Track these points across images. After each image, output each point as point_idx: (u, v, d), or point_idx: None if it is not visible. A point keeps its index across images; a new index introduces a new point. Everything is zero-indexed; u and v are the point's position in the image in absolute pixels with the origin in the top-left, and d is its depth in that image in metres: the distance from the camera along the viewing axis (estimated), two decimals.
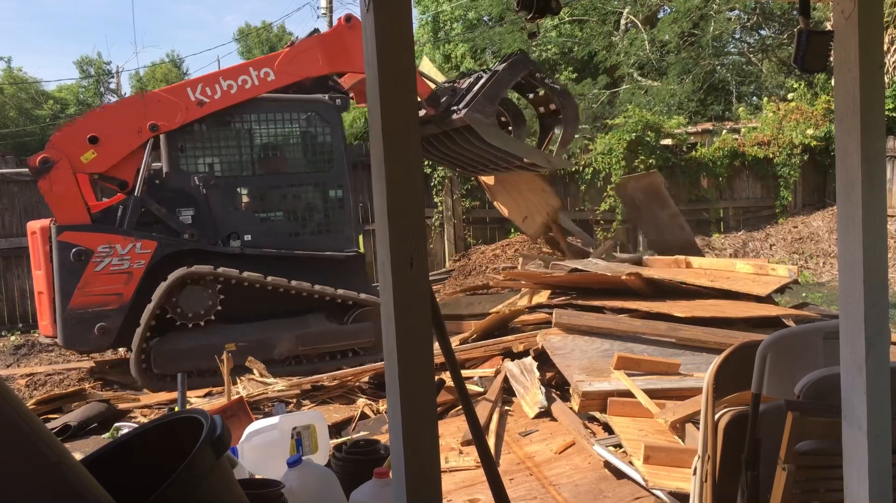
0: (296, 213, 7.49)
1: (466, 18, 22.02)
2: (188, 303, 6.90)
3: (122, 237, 6.78)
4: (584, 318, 6.05)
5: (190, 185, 7.13)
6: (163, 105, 6.97)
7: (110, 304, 6.75)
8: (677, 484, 3.70)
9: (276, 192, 7.48)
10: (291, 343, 7.02)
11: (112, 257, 6.74)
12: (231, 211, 7.25)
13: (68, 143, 6.77)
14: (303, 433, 3.86)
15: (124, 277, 6.78)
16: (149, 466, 1.67)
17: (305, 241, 7.40)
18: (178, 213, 7.06)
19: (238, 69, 7.24)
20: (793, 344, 2.47)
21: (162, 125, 6.92)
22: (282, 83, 7.23)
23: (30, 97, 26.42)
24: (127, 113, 7.01)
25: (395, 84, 1.45)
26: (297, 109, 7.47)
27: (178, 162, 7.18)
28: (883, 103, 1.89)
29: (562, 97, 7.92)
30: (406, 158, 1.47)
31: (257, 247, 7.19)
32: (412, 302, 1.48)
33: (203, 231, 7.08)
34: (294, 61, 7.23)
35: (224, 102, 7.07)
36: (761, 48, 20.44)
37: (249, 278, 6.92)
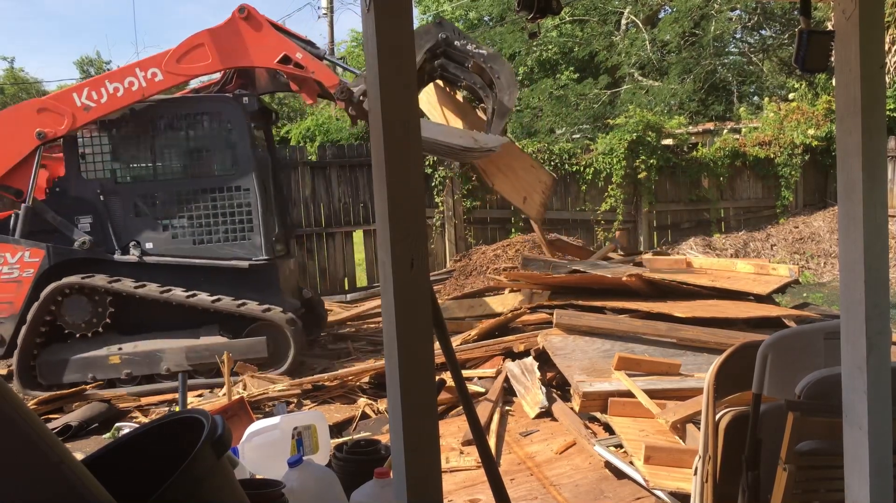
0: (199, 220, 7.12)
1: (467, 18, 22.03)
2: (72, 314, 6.81)
3: (11, 245, 6.76)
4: (584, 319, 6.05)
5: (89, 192, 6.99)
6: (49, 112, 6.83)
7: (2, 313, 6.78)
8: (678, 484, 3.70)
9: (178, 197, 7.13)
10: (179, 356, 6.76)
11: (3, 265, 6.74)
12: (132, 218, 7.05)
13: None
14: (303, 433, 3.86)
15: (14, 286, 6.77)
16: (149, 466, 1.67)
17: (210, 249, 7.09)
18: (77, 221, 6.93)
19: (124, 71, 6.96)
20: (793, 344, 2.47)
21: (49, 132, 6.78)
22: (170, 83, 6.91)
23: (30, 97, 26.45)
24: (15, 121, 6.92)
25: (396, 84, 1.45)
26: (199, 110, 7.15)
27: (77, 168, 7.03)
28: (884, 104, 1.89)
29: (491, 61, 6.81)
30: (406, 158, 1.47)
31: (159, 255, 7.02)
32: (413, 302, 1.48)
33: (104, 239, 6.96)
34: (183, 59, 6.81)
35: (111, 106, 6.83)
36: (762, 48, 20.44)
37: (121, 289, 6.75)
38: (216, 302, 6.86)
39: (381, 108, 1.44)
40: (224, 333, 6.94)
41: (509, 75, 6.78)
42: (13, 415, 1.39)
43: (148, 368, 6.74)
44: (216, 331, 6.95)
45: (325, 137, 15.63)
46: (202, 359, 6.78)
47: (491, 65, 6.74)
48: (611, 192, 13.09)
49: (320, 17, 25.59)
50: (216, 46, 6.80)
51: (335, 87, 6.87)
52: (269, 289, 7.17)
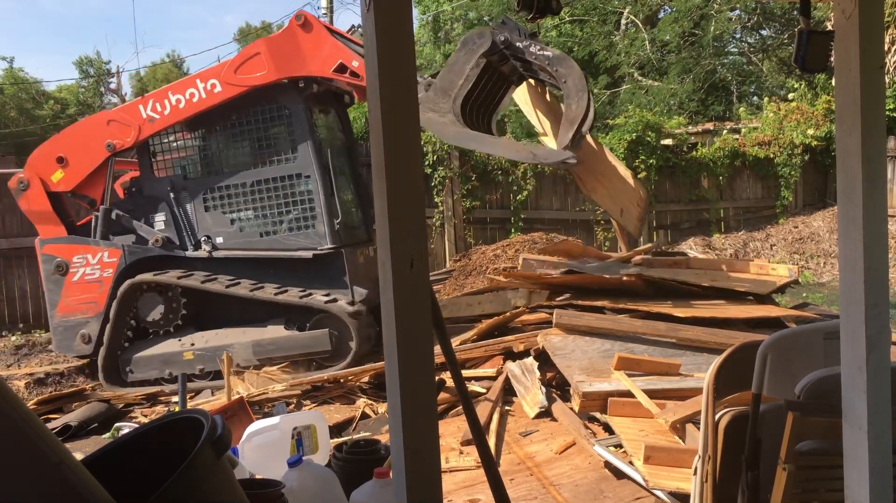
0: (264, 211, 7.10)
1: (467, 18, 22.02)
2: (147, 310, 6.99)
3: (92, 247, 7.00)
4: (584, 319, 6.05)
5: (161, 190, 7.14)
6: (117, 123, 7.06)
7: (88, 312, 7.00)
8: (678, 484, 3.70)
9: (243, 189, 7.12)
10: (246, 351, 6.78)
11: (86, 267, 6.98)
12: (202, 213, 7.14)
13: (39, 164, 7.12)
14: (303, 433, 3.86)
15: (97, 286, 6.99)
16: (149, 466, 1.67)
17: (277, 240, 7.06)
18: (152, 219, 7.09)
19: (185, 83, 7.08)
20: (793, 344, 2.47)
21: (118, 143, 7.01)
22: (229, 94, 6.89)
23: (30, 97, 26.42)
24: (87, 133, 7.17)
25: (396, 84, 1.45)
26: (257, 98, 7.03)
27: (150, 168, 7.20)
28: (883, 103, 1.89)
29: (557, 64, 6.35)
30: (406, 158, 1.47)
31: (229, 249, 7.06)
32: (412, 302, 1.48)
33: (178, 236, 7.08)
34: (240, 70, 6.85)
35: (174, 117, 7.00)
36: (762, 48, 20.45)
37: (188, 285, 6.83)
38: (279, 294, 6.83)
39: (381, 108, 1.44)
40: (290, 327, 6.91)
41: (577, 79, 6.28)
42: (13, 415, 1.39)
43: (218, 364, 6.69)
44: (282, 325, 6.94)
45: None
46: (268, 353, 6.81)
47: (556, 68, 6.30)
48: None
49: (320, 16, 25.61)
50: (272, 55, 6.77)
51: None
52: (337, 278, 7.00)
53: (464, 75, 6.23)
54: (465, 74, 6.24)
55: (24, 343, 9.15)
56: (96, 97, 29.45)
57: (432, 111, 6.02)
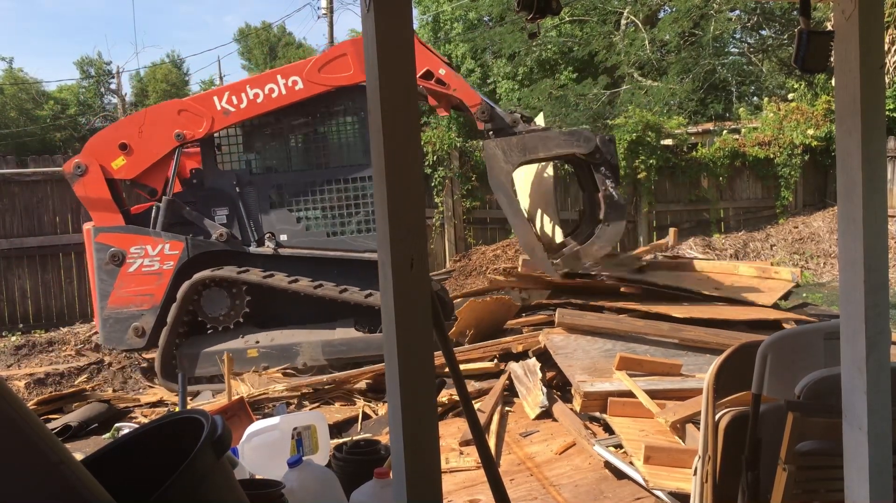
0: (333, 212, 7.09)
1: (467, 19, 22.02)
2: (211, 306, 6.85)
3: (152, 238, 6.80)
4: (586, 318, 6.05)
5: (225, 183, 7.03)
6: (189, 114, 6.92)
7: (143, 305, 6.80)
8: (678, 484, 3.70)
9: (312, 188, 7.10)
10: (315, 351, 6.75)
11: (144, 258, 6.77)
12: (267, 209, 7.06)
13: (100, 149, 6.86)
14: (303, 433, 3.86)
15: (155, 278, 6.80)
16: (149, 467, 1.67)
17: (343, 241, 7.06)
18: (214, 213, 6.96)
19: (265, 77, 7.04)
20: (793, 344, 2.47)
21: (187, 134, 6.87)
22: (311, 93, 6.89)
23: (30, 97, 26.43)
24: (155, 121, 6.97)
25: (396, 85, 1.45)
26: (332, 99, 7.08)
27: (214, 161, 7.08)
28: (883, 104, 1.89)
29: (611, 205, 6.70)
30: (406, 158, 1.47)
31: (293, 247, 6.99)
32: (412, 302, 1.48)
33: (240, 231, 6.98)
34: (324, 69, 6.87)
35: (250, 112, 6.91)
36: (762, 48, 20.45)
37: (272, 283, 6.72)
38: (368, 296, 6.78)
39: (381, 109, 1.44)
40: (359, 328, 6.90)
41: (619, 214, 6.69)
42: (13, 415, 1.39)
43: (285, 361, 6.70)
44: (351, 325, 6.90)
45: None
46: (338, 353, 6.75)
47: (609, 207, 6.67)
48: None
49: (320, 17, 25.65)
50: (359, 57, 6.77)
51: (477, 106, 6.91)
52: None
53: (549, 152, 6.66)
54: (551, 153, 6.69)
55: (24, 343, 9.14)
56: (96, 97, 29.45)
57: (501, 150, 6.43)
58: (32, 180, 10.16)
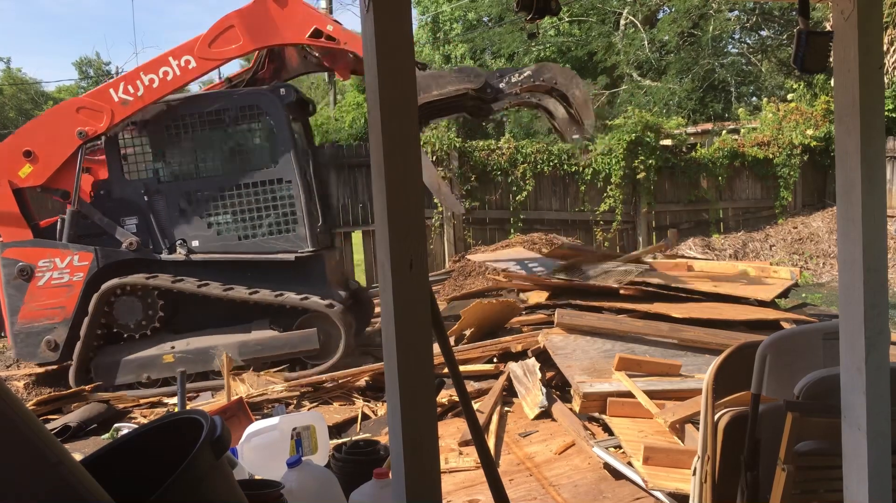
0: (243, 215, 7.06)
1: (466, 19, 22.04)
2: (124, 314, 6.82)
3: (60, 250, 6.75)
4: (585, 319, 6.05)
5: (133, 193, 6.98)
6: (88, 110, 6.80)
7: (55, 318, 6.76)
8: (677, 485, 3.70)
9: (221, 193, 7.07)
10: (231, 352, 6.69)
11: (52, 271, 6.73)
12: (176, 217, 7.02)
13: (4, 160, 6.77)
14: (302, 434, 3.87)
15: (65, 290, 6.76)
16: (148, 467, 1.67)
17: (256, 243, 7.04)
18: (123, 222, 6.92)
19: (157, 61, 6.88)
20: (792, 344, 2.47)
21: (89, 130, 6.76)
22: (205, 69, 6.85)
23: (29, 98, 26.43)
24: (56, 122, 6.89)
25: (396, 84, 1.45)
26: (237, 104, 7.03)
27: (120, 170, 7.01)
28: (882, 104, 1.89)
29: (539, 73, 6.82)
30: (406, 159, 1.47)
31: (205, 252, 6.98)
32: (412, 302, 1.48)
33: (151, 239, 6.94)
34: (214, 44, 6.72)
35: (148, 97, 6.78)
36: (761, 48, 20.47)
37: (182, 288, 6.74)
38: (279, 296, 6.83)
39: (381, 109, 1.44)
40: (275, 327, 6.93)
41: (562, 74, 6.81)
42: (12, 415, 1.39)
43: (202, 365, 6.72)
44: (267, 326, 6.94)
45: (323, 138, 15.63)
46: (255, 353, 6.78)
47: (540, 78, 6.78)
48: (610, 193, 13.09)
49: None
50: (246, 27, 6.69)
51: None
52: (317, 281, 7.11)
53: (441, 90, 6.68)
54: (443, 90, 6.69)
55: None
56: None
57: None
58: None
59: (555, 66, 7.15)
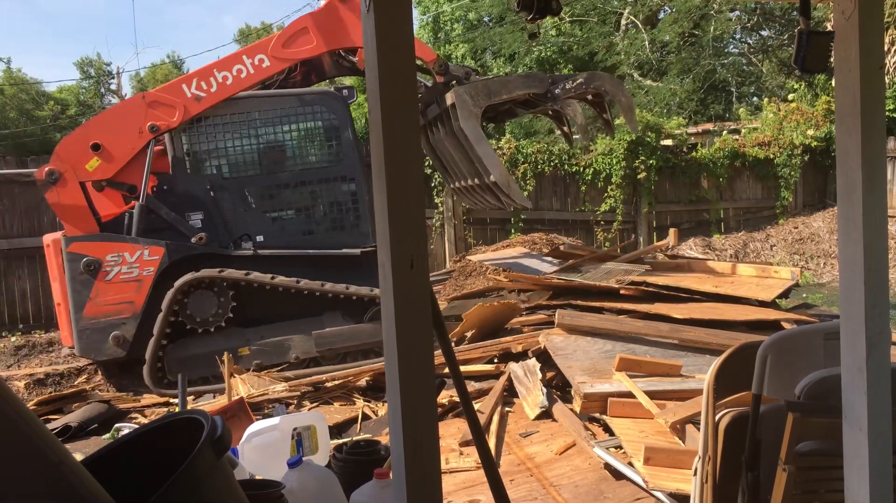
0: (308, 211, 7.28)
1: (467, 19, 22.03)
2: (198, 309, 6.82)
3: (129, 245, 6.68)
4: (586, 319, 6.05)
5: (198, 188, 7.04)
6: (160, 104, 6.85)
7: (123, 313, 6.69)
8: (677, 485, 3.70)
9: (287, 189, 7.26)
10: (307, 344, 6.86)
11: (121, 265, 6.66)
12: (241, 212, 7.10)
13: (71, 153, 6.72)
14: (303, 434, 3.86)
15: (135, 285, 6.70)
16: (149, 467, 1.67)
17: (319, 239, 7.18)
18: (188, 216, 6.95)
19: (231, 59, 7.02)
20: (793, 345, 2.47)
21: (161, 125, 6.80)
22: (277, 69, 7.02)
23: (30, 98, 26.41)
24: (126, 116, 6.90)
25: (396, 84, 1.45)
26: (302, 103, 7.26)
27: (184, 165, 7.09)
28: (883, 104, 1.89)
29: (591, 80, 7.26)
30: (406, 158, 1.47)
31: (270, 247, 7.06)
32: (412, 302, 1.48)
33: (214, 234, 6.97)
34: (288, 44, 6.94)
35: (221, 94, 6.90)
36: (762, 48, 20.46)
37: (256, 280, 6.77)
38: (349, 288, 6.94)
39: (381, 109, 1.44)
40: (346, 320, 7.02)
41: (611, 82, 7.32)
42: (13, 415, 1.39)
43: (277, 357, 6.78)
44: (339, 318, 7.01)
45: None
46: (330, 345, 6.86)
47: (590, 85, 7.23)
48: (610, 193, 13.10)
49: None
50: (319, 29, 6.96)
51: (434, 61, 7.26)
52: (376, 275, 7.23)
53: (510, 94, 7.10)
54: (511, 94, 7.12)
55: (24, 344, 9.15)
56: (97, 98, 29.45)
57: (469, 96, 6.71)
58: (32, 181, 10.13)
59: (604, 74, 7.70)
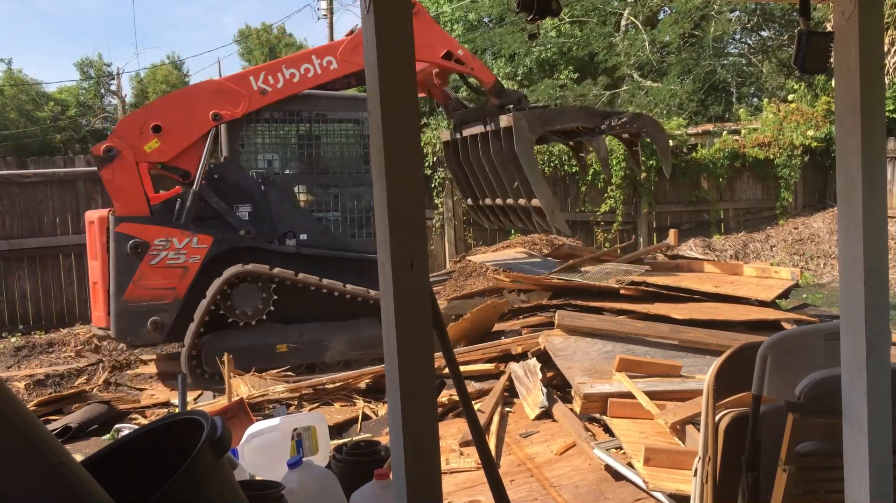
0: (353, 214, 7.32)
1: (467, 20, 22.03)
2: (241, 302, 6.76)
3: (179, 231, 6.64)
4: (586, 320, 6.05)
5: (248, 180, 7.05)
6: (226, 93, 6.85)
7: (165, 299, 6.62)
8: (678, 486, 3.70)
9: (334, 191, 7.31)
10: (343, 347, 6.86)
11: (168, 251, 6.61)
12: (288, 209, 7.12)
13: (132, 132, 6.66)
14: (303, 434, 3.86)
15: (180, 272, 6.65)
16: (149, 468, 1.67)
17: (363, 242, 7.20)
18: (236, 208, 6.94)
19: (300, 57, 7.13)
20: (793, 345, 2.47)
21: (225, 114, 6.79)
22: (344, 72, 7.04)
23: (30, 99, 26.40)
24: (190, 102, 6.88)
25: (396, 86, 1.45)
26: (354, 108, 7.30)
27: (237, 157, 7.10)
28: (883, 105, 1.89)
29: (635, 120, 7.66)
30: (406, 160, 1.47)
31: (313, 247, 7.07)
32: (412, 303, 1.48)
33: (260, 228, 6.96)
34: (357, 49, 6.92)
35: (286, 91, 6.94)
36: (762, 49, 20.46)
37: (305, 280, 6.78)
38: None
39: (381, 109, 1.44)
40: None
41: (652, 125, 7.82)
42: (12, 416, 1.39)
43: (314, 357, 6.79)
44: (376, 324, 6.95)
45: None
46: (366, 348, 6.85)
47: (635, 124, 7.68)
48: (610, 194, 13.09)
49: (320, 18, 25.63)
50: None
51: (492, 84, 7.43)
52: None
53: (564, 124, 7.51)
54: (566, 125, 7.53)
55: (24, 344, 9.14)
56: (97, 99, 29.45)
57: (526, 122, 7.02)
58: (32, 181, 10.16)
59: (649, 117, 8.26)
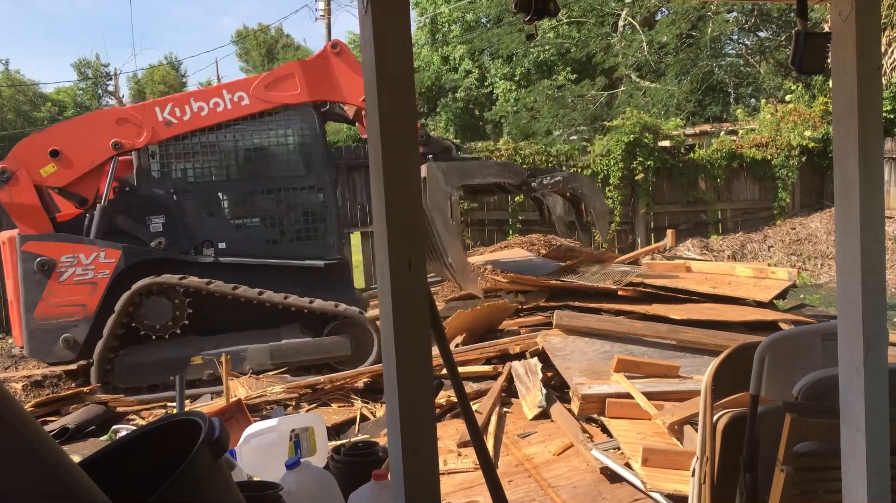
0: (273, 220, 7.15)
1: (464, 20, 22.04)
2: (152, 314, 6.68)
3: (85, 246, 6.59)
4: (584, 320, 6.05)
5: (161, 191, 6.92)
6: (129, 123, 6.78)
7: (75, 315, 6.58)
8: (675, 486, 3.70)
9: (252, 197, 7.17)
10: (262, 356, 6.72)
11: (76, 267, 6.56)
12: (205, 218, 6.96)
13: (28, 155, 6.64)
14: (301, 435, 3.86)
15: (89, 288, 6.59)
16: (147, 468, 1.67)
17: (284, 248, 7.08)
18: (149, 220, 6.83)
19: (211, 91, 7.02)
20: (791, 345, 2.47)
21: (126, 143, 6.73)
22: (256, 109, 6.94)
23: (28, 99, 26.39)
24: (91, 129, 6.83)
25: (394, 86, 1.45)
26: (273, 111, 7.11)
27: (149, 168, 6.94)
28: (881, 105, 1.89)
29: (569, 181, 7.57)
30: (404, 160, 1.47)
31: (233, 255, 6.94)
32: (410, 303, 1.48)
33: (176, 239, 6.86)
34: (271, 87, 6.94)
35: (192, 125, 6.84)
36: (759, 50, 20.48)
37: (219, 289, 6.67)
38: (312, 302, 6.83)
39: (379, 110, 1.44)
40: (305, 333, 6.92)
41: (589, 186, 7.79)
42: (10, 417, 1.39)
43: (231, 368, 6.60)
44: (298, 331, 6.91)
45: None
46: (286, 358, 6.74)
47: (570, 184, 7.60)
48: (608, 194, 13.09)
49: (317, 19, 25.61)
50: (306, 78, 6.94)
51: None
52: (344, 287, 7.22)
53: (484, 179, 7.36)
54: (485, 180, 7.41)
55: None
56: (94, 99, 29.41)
57: (443, 173, 6.80)
58: None
59: (583, 177, 8.39)
